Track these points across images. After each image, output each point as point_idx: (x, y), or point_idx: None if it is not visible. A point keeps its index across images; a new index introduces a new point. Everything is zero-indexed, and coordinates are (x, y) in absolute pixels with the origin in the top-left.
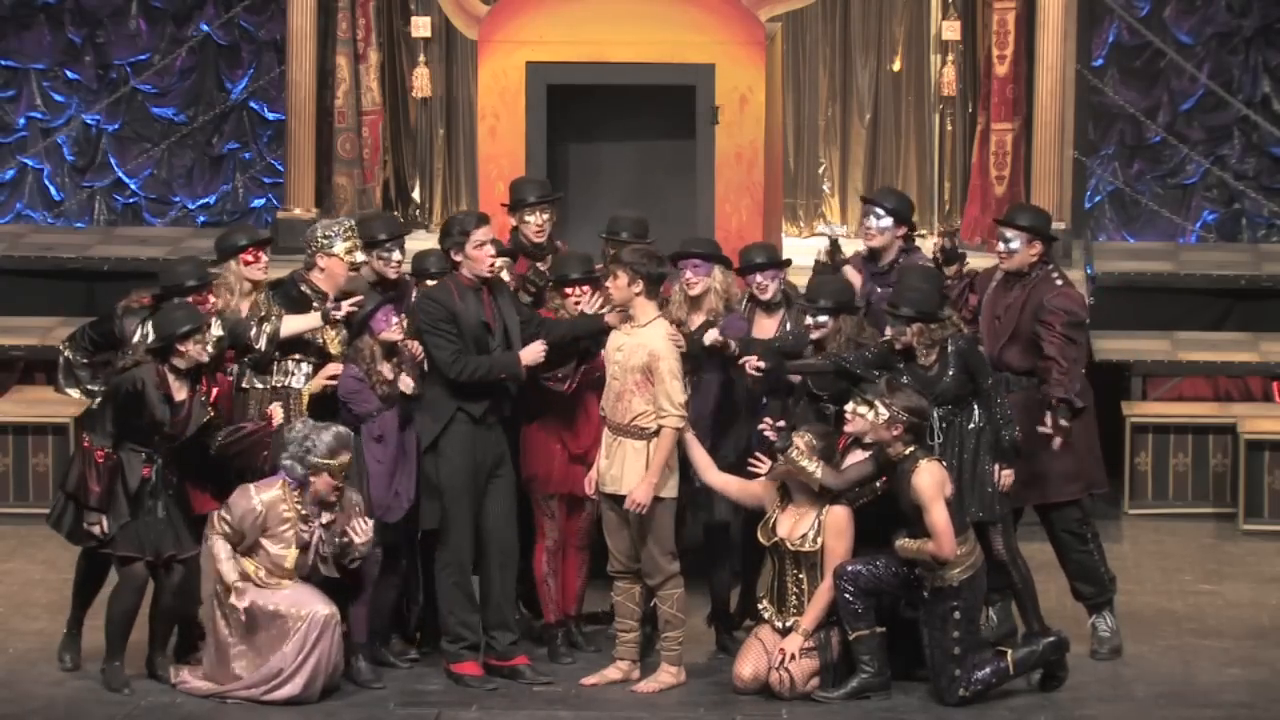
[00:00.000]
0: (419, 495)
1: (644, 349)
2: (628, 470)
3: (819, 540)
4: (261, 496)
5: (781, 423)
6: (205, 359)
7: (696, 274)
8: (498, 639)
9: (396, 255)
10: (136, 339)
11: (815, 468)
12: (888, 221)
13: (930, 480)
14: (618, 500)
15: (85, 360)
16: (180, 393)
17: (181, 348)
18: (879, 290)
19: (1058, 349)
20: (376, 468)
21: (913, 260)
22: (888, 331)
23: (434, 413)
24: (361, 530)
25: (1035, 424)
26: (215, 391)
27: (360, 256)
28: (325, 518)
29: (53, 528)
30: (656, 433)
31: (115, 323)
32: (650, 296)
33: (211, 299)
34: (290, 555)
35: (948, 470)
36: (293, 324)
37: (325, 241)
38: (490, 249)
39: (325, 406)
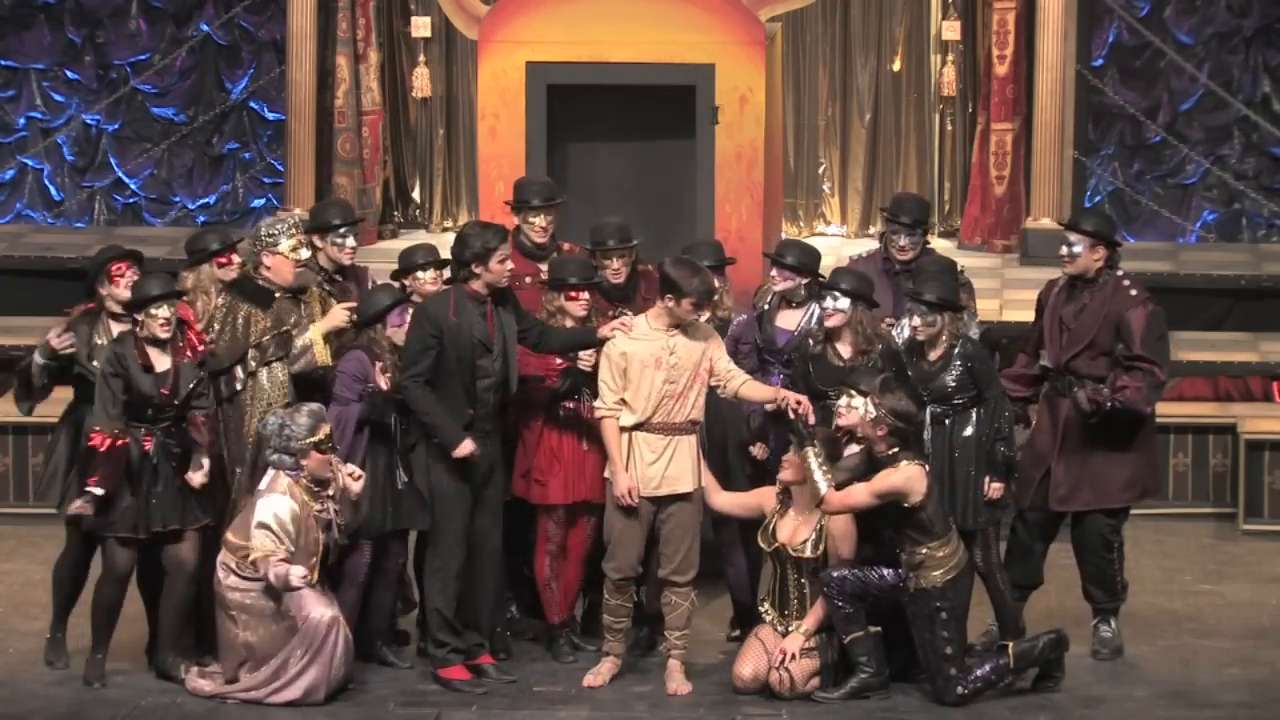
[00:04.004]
0: (405, 498)
1: (698, 342)
2: (688, 467)
3: (820, 547)
4: (279, 496)
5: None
6: (161, 335)
7: (719, 281)
8: (464, 638)
9: (350, 241)
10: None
11: (821, 479)
12: (918, 234)
13: (898, 479)
14: (666, 501)
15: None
16: (161, 362)
17: (139, 317)
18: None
19: (1149, 368)
20: None
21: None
22: (915, 320)
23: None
24: (354, 481)
25: (1093, 428)
26: (201, 350)
27: (305, 253)
28: (330, 490)
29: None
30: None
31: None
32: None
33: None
34: (320, 540)
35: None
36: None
37: (270, 239)
38: (510, 264)
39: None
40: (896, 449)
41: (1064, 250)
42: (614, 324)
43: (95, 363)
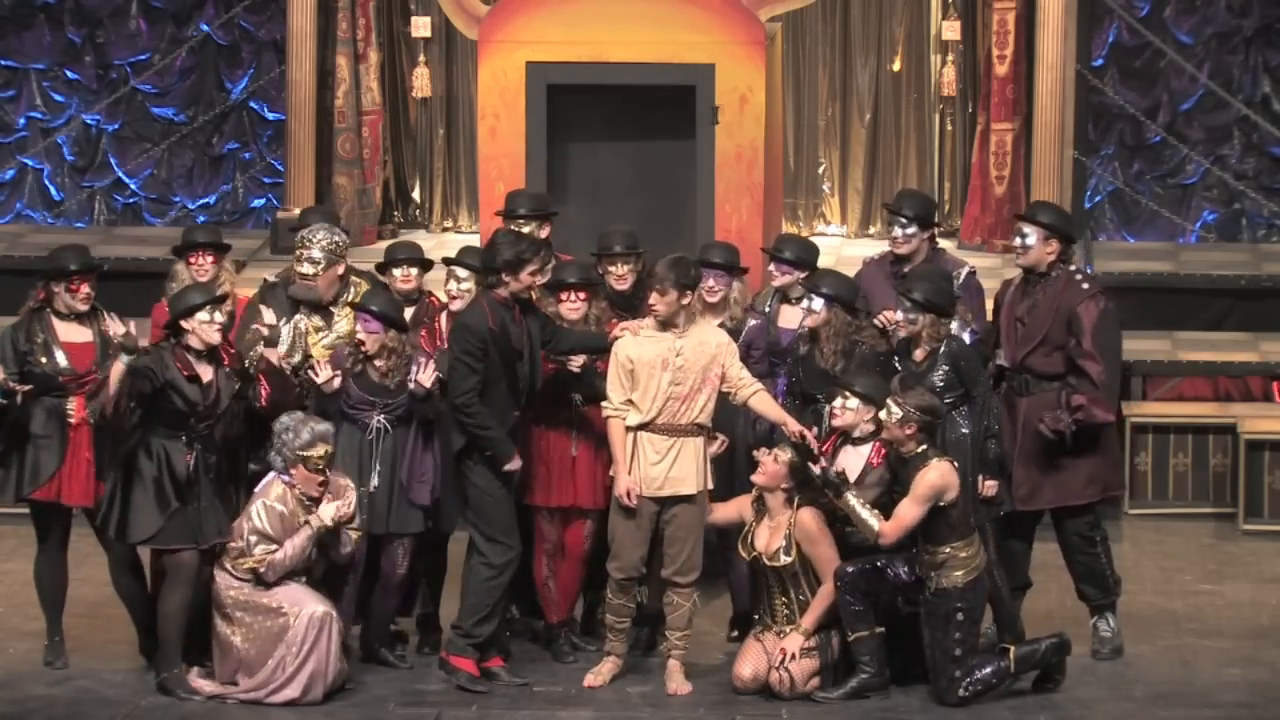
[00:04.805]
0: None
1: (707, 345)
2: (692, 469)
3: (792, 554)
4: (269, 497)
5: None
6: (216, 339)
7: (719, 282)
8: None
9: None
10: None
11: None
12: (914, 229)
13: (934, 478)
14: (670, 502)
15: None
16: (206, 373)
17: (188, 326)
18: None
19: (1097, 371)
20: None
21: (942, 262)
22: (899, 316)
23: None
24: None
25: (1053, 420)
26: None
27: (307, 269)
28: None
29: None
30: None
31: (8, 336)
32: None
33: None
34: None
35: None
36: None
37: (300, 244)
38: (539, 278)
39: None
40: (925, 445)
41: (1017, 241)
42: (622, 325)
43: (44, 359)
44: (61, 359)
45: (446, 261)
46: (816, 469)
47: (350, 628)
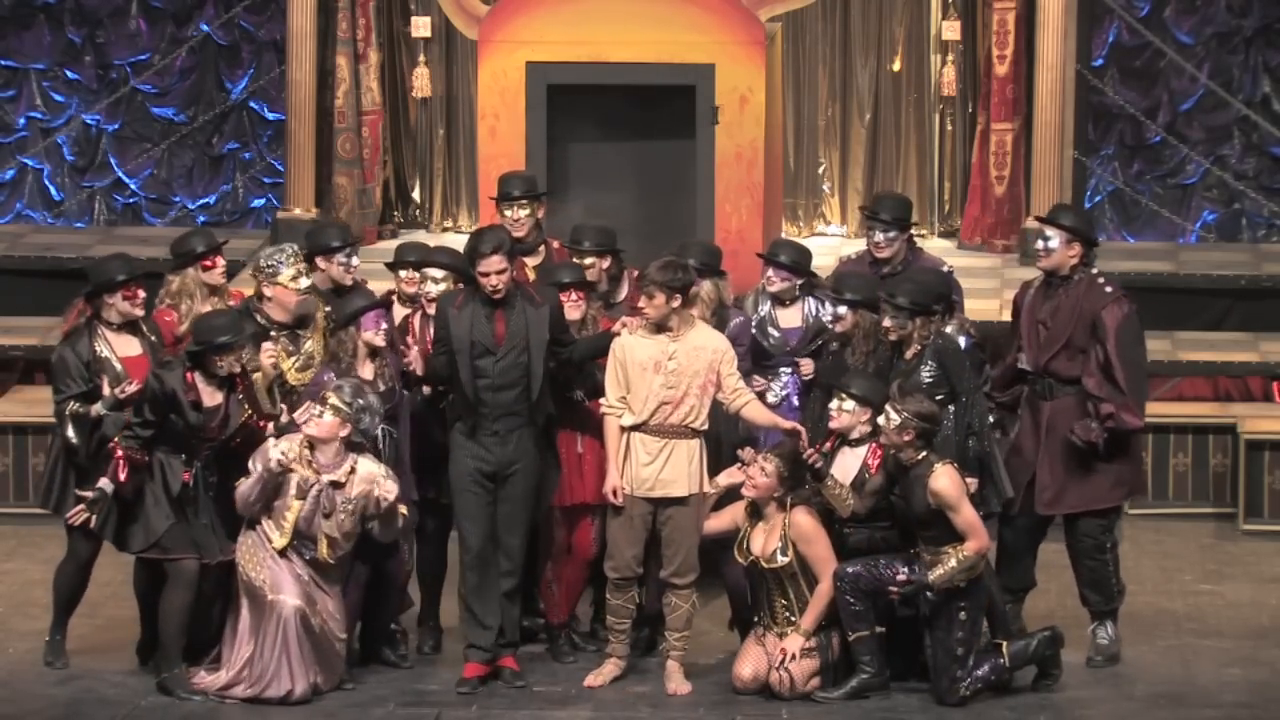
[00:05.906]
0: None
1: (704, 351)
2: (684, 471)
3: (789, 554)
4: (281, 444)
5: (826, 448)
6: (238, 370)
7: None
8: (486, 635)
9: (355, 260)
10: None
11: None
12: (894, 232)
13: (950, 483)
14: (664, 504)
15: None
16: (213, 398)
17: (217, 358)
18: None
19: (1124, 378)
20: None
21: (921, 260)
22: (887, 323)
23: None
24: (386, 489)
25: (1084, 431)
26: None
27: (305, 282)
28: (337, 475)
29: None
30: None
31: (71, 354)
32: (686, 304)
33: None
34: (293, 506)
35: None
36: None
37: (270, 270)
38: (494, 280)
39: None
40: (925, 451)
41: (1039, 245)
42: (621, 321)
43: (102, 374)
44: (121, 373)
45: (417, 264)
46: (830, 485)
47: (353, 627)
